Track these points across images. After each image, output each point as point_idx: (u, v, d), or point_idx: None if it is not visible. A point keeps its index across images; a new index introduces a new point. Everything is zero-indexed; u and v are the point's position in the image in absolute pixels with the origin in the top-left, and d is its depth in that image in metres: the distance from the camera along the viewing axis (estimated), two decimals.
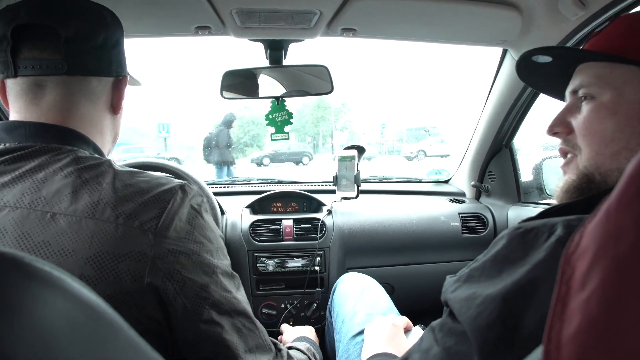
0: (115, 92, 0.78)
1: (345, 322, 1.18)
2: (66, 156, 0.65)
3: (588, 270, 0.23)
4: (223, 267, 0.71)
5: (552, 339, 0.24)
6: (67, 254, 0.58)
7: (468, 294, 0.53)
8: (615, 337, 0.20)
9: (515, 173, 1.87)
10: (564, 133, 0.67)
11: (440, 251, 1.78)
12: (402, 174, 2.78)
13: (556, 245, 0.47)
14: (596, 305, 0.22)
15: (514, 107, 1.69)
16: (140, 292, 0.60)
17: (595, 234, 0.24)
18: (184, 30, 1.33)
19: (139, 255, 0.60)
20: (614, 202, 0.24)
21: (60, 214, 0.60)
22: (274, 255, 1.62)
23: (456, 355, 0.53)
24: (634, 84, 0.60)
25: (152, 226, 0.62)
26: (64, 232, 0.59)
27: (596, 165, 0.61)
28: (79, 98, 0.71)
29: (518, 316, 0.46)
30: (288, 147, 19.30)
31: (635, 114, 0.58)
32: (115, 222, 0.60)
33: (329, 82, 1.48)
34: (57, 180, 0.62)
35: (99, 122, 0.76)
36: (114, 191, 0.63)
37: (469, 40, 1.49)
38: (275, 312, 1.63)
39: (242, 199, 1.83)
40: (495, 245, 0.55)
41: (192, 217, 0.67)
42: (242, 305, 0.72)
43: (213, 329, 0.66)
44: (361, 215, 1.78)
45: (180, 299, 0.63)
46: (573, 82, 0.68)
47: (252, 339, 0.72)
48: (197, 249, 0.66)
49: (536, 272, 0.47)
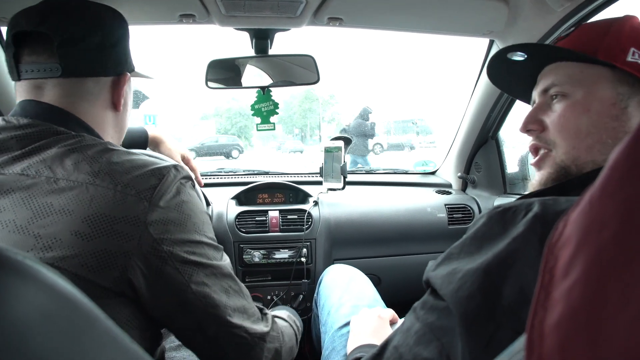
0: (114, 91, 0.82)
1: (331, 313, 1.18)
2: (72, 138, 0.70)
3: (571, 259, 0.23)
4: (207, 239, 0.76)
5: (535, 326, 0.24)
6: (66, 212, 0.63)
7: (449, 270, 0.55)
8: (596, 326, 0.20)
9: (501, 164, 1.88)
10: (537, 130, 0.72)
11: (426, 242, 1.79)
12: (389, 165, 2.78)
13: (533, 220, 0.50)
14: (578, 294, 0.22)
15: (500, 98, 1.70)
16: (128, 253, 0.64)
17: (579, 223, 0.24)
18: (168, 18, 1.31)
19: (134, 219, 0.65)
20: (597, 191, 0.23)
21: (63, 179, 0.65)
22: (260, 247, 1.61)
23: (438, 330, 0.54)
24: (603, 83, 0.65)
25: (148, 195, 0.67)
26: (66, 194, 0.64)
27: (573, 158, 0.66)
28: (76, 99, 0.76)
29: (498, 287, 0.48)
30: (216, 140, 18.93)
31: (606, 111, 0.64)
32: (114, 189, 0.66)
33: (315, 72, 1.46)
34: (62, 155, 0.68)
35: (99, 119, 0.80)
36: (114, 164, 0.68)
37: (455, 30, 1.49)
38: (262, 303, 1.62)
39: (227, 190, 1.81)
40: (475, 224, 0.58)
41: (182, 191, 0.73)
42: (227, 269, 0.78)
43: (203, 289, 0.71)
44: (348, 206, 1.78)
45: (171, 262, 0.68)
46: (543, 81, 0.72)
47: (238, 300, 0.77)
48: (185, 219, 0.71)
49: (514, 245, 0.50)
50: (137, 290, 0.66)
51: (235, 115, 22.50)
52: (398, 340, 0.61)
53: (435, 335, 0.54)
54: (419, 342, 0.56)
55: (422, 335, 0.56)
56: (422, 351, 0.55)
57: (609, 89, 0.64)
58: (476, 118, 1.83)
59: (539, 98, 0.73)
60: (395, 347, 0.61)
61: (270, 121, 1.51)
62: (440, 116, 9.84)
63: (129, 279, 0.65)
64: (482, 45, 1.65)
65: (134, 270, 0.65)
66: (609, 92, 0.64)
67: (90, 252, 0.62)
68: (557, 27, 1.25)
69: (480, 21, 1.38)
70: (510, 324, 0.46)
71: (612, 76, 0.65)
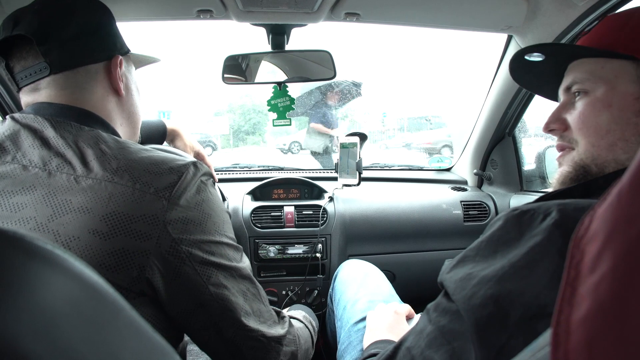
0: (110, 76, 0.80)
1: (347, 308, 1.18)
2: (87, 132, 0.70)
3: (598, 254, 0.23)
4: (228, 239, 0.75)
5: (561, 323, 0.23)
6: (85, 211, 0.62)
7: (463, 274, 0.54)
8: (625, 322, 0.20)
9: (517, 161, 1.87)
10: (560, 130, 0.70)
11: (441, 239, 1.78)
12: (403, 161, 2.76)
13: (552, 228, 0.48)
14: (606, 289, 0.22)
15: (517, 95, 1.68)
16: (146, 253, 0.64)
17: (606, 218, 0.24)
18: (186, 13, 1.31)
19: (152, 218, 0.64)
20: (626, 185, 0.23)
21: (82, 176, 0.65)
22: (275, 242, 1.62)
23: (449, 334, 0.54)
24: (625, 77, 0.62)
25: (166, 194, 0.66)
26: (85, 192, 0.64)
27: (592, 157, 0.64)
28: (73, 91, 0.75)
29: (512, 297, 0.47)
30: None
31: (628, 106, 0.61)
32: (133, 187, 0.65)
33: (331, 67, 1.46)
34: (81, 149, 0.68)
35: (103, 107, 0.79)
36: (133, 161, 0.68)
37: (474, 25, 1.47)
38: (277, 298, 1.63)
39: (243, 185, 1.83)
40: (492, 226, 0.57)
41: (201, 190, 0.72)
42: (247, 271, 0.77)
43: (221, 292, 0.71)
44: (363, 202, 1.77)
45: (189, 262, 0.67)
46: (566, 79, 0.71)
47: (255, 303, 0.77)
48: (205, 218, 0.71)
49: (532, 255, 0.48)
50: (156, 289, 0.66)
51: (248, 111, 22.42)
52: (411, 341, 0.61)
53: (447, 338, 0.54)
54: (431, 345, 0.56)
55: (433, 338, 0.56)
56: (434, 355, 0.55)
57: (631, 83, 0.62)
58: (493, 115, 1.81)
59: (563, 96, 0.71)
60: (408, 349, 0.61)
61: (286, 117, 1.51)
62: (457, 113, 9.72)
63: (147, 279, 0.64)
64: (501, 41, 1.63)
65: (152, 270, 0.64)
66: (632, 87, 0.62)
67: (108, 251, 0.61)
68: (579, 21, 1.23)
69: (499, 16, 1.36)
70: (524, 335, 0.45)
71: (634, 69, 0.62)
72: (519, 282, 0.48)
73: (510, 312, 0.47)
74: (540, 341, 0.33)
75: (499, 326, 0.47)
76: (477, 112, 1.92)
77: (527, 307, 0.46)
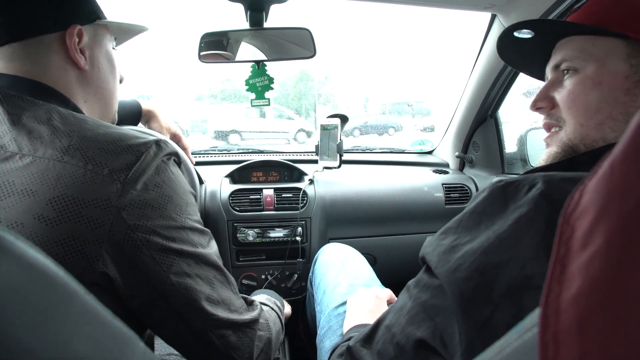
0: (66, 47, 0.72)
1: (327, 293, 1.17)
2: (40, 107, 0.64)
3: (590, 229, 0.22)
4: (192, 222, 0.70)
5: (550, 303, 0.22)
6: (29, 193, 0.56)
7: (445, 247, 0.53)
8: (619, 300, 0.19)
9: (499, 144, 1.86)
10: (547, 108, 0.69)
11: (423, 222, 1.77)
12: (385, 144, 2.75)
13: (538, 198, 0.47)
14: (599, 266, 0.21)
15: (500, 76, 1.66)
16: (97, 241, 0.58)
17: (598, 191, 0.23)
18: None
19: (105, 203, 0.58)
20: (619, 156, 0.22)
21: (28, 155, 0.59)
22: (255, 226, 1.59)
23: (431, 309, 0.53)
24: (615, 55, 0.61)
25: (122, 176, 0.60)
26: (30, 172, 0.57)
27: (581, 137, 0.63)
28: (23, 63, 0.68)
29: (497, 268, 0.47)
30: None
31: (618, 85, 0.60)
32: (85, 167, 0.59)
33: (311, 46, 1.42)
34: (30, 127, 0.61)
35: (61, 81, 0.72)
36: (86, 139, 0.61)
37: (456, 3, 1.44)
38: (256, 283, 1.61)
39: (221, 168, 1.79)
40: (476, 198, 0.56)
41: (161, 169, 0.66)
42: (212, 257, 0.72)
43: (184, 280, 0.65)
44: (343, 185, 1.75)
45: (147, 251, 0.62)
46: (555, 57, 0.69)
47: (224, 291, 0.72)
48: (165, 201, 0.65)
49: (519, 225, 0.47)
50: (112, 280, 0.60)
51: (229, 96, 22.24)
52: (390, 319, 0.61)
53: (429, 314, 0.53)
54: (412, 322, 0.55)
55: (414, 314, 0.55)
56: (415, 331, 0.54)
57: (621, 61, 0.61)
58: (475, 96, 1.80)
59: (551, 74, 0.70)
60: (387, 327, 0.61)
61: (265, 97, 1.46)
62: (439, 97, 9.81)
63: (100, 269, 0.59)
64: (484, 21, 1.60)
65: (104, 260, 0.59)
66: (622, 65, 0.61)
67: (55, 239, 0.56)
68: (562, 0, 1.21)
69: None
70: (509, 308, 0.44)
71: (625, 47, 0.61)
72: (504, 253, 0.47)
73: (495, 284, 0.46)
74: (527, 322, 0.32)
75: (484, 299, 0.46)
76: (459, 94, 1.90)
77: (513, 278, 0.45)
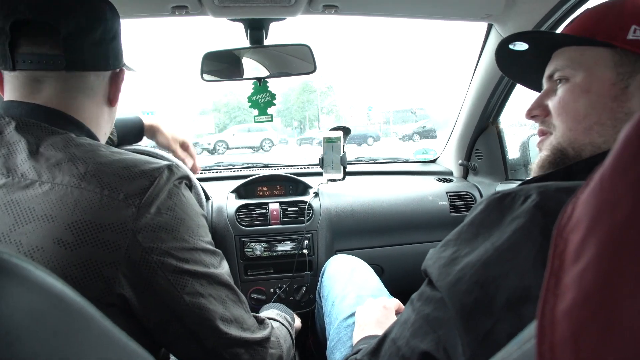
0: (112, 85, 0.79)
1: (336, 304, 1.17)
2: (57, 135, 0.66)
3: (582, 242, 0.22)
4: (204, 243, 0.72)
5: (546, 315, 0.23)
6: (49, 219, 0.59)
7: (446, 260, 0.54)
8: (611, 311, 0.19)
9: (502, 150, 1.87)
10: (541, 115, 0.72)
11: (428, 231, 1.78)
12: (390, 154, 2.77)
13: (534, 210, 0.48)
14: (591, 278, 0.21)
15: (500, 83, 1.68)
16: (114, 264, 0.60)
17: (589, 204, 0.23)
18: (161, 10, 1.28)
19: (121, 227, 0.61)
20: (608, 170, 0.22)
21: (47, 182, 0.61)
22: (262, 240, 1.60)
23: (434, 322, 0.54)
24: (603, 64, 0.64)
25: (137, 200, 0.63)
26: (49, 199, 0.60)
27: (569, 140, 0.66)
28: (77, 94, 0.72)
29: (497, 281, 0.47)
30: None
31: (606, 91, 0.63)
32: (101, 192, 0.61)
33: (311, 61, 1.44)
34: (48, 155, 0.64)
35: (95, 115, 0.77)
36: (102, 165, 0.64)
37: (453, 15, 1.46)
38: (265, 296, 1.62)
39: (227, 184, 1.80)
40: (474, 210, 0.57)
41: (173, 193, 0.68)
42: (224, 277, 0.74)
43: (198, 300, 0.67)
44: (348, 196, 1.76)
45: (161, 272, 0.64)
46: (549, 67, 0.73)
47: (236, 310, 0.74)
48: (178, 224, 0.67)
49: (515, 237, 0.48)
50: (128, 301, 0.62)
51: (233, 109, 22.38)
52: (395, 332, 0.62)
53: (432, 327, 0.54)
54: (416, 335, 0.56)
55: (418, 327, 0.56)
56: (419, 343, 0.55)
57: (608, 69, 0.64)
58: (476, 104, 1.81)
59: (546, 84, 0.73)
60: (392, 340, 0.61)
61: (267, 112, 1.49)
62: (441, 104, 9.84)
63: (117, 291, 0.61)
64: (481, 31, 1.62)
65: (121, 282, 0.61)
66: (609, 72, 0.64)
67: (74, 262, 0.58)
68: (558, 7, 1.23)
69: (478, 4, 1.35)
70: (510, 319, 0.45)
71: (612, 56, 0.64)
72: (503, 265, 0.48)
73: (496, 296, 0.47)
74: (526, 333, 0.33)
75: (485, 311, 0.47)
76: (460, 102, 1.91)
77: (513, 290, 0.46)
